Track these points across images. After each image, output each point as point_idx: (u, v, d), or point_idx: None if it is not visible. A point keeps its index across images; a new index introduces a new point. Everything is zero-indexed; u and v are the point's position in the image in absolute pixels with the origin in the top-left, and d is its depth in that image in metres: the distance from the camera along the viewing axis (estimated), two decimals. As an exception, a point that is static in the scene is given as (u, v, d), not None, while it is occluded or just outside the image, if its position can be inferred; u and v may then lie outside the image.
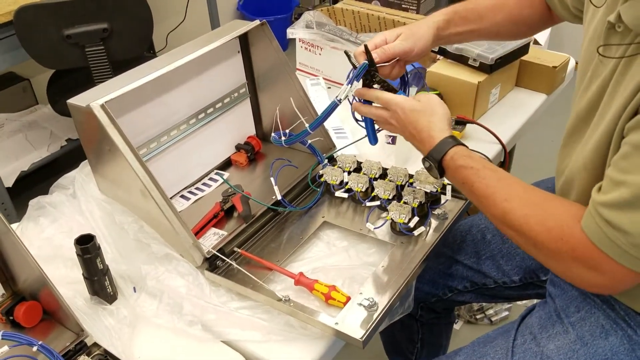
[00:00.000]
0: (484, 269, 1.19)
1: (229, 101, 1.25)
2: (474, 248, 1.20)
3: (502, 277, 1.18)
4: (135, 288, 0.99)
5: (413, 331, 1.39)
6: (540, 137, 2.74)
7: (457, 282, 1.22)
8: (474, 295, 1.22)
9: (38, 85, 2.65)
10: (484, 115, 1.47)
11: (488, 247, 1.19)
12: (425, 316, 1.34)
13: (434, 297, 1.26)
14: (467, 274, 1.20)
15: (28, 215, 1.12)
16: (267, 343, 0.91)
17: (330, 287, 0.94)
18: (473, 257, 1.20)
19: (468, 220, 1.25)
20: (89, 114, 0.94)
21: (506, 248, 1.18)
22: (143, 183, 0.96)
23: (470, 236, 1.21)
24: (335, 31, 1.56)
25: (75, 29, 1.93)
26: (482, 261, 1.19)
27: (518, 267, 1.17)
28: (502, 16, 1.15)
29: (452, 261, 1.22)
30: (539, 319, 1.00)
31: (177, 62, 1.04)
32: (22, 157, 2.40)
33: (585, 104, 0.88)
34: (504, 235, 1.17)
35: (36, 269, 0.86)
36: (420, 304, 1.31)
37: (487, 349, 1.00)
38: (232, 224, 1.11)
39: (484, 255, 1.19)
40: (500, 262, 1.18)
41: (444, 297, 1.24)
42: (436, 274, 1.23)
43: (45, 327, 0.93)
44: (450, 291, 1.23)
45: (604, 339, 0.92)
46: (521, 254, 1.16)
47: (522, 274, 1.17)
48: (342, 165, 1.19)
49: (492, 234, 1.20)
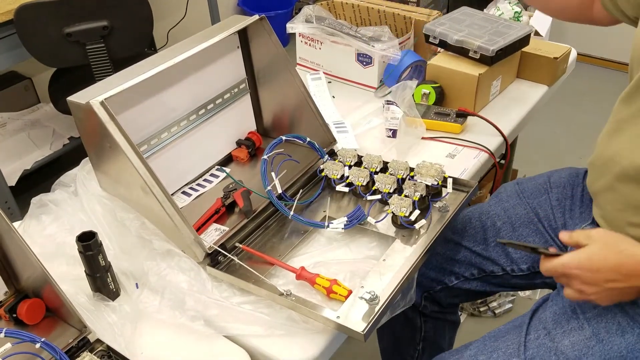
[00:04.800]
0: (492, 255, 1.18)
1: (229, 97, 1.25)
2: (483, 235, 1.19)
3: (510, 264, 1.17)
4: (138, 284, 0.99)
5: (416, 327, 1.37)
6: (542, 128, 2.74)
7: (464, 269, 1.21)
8: (480, 282, 1.21)
9: (40, 84, 2.66)
10: (485, 107, 1.46)
11: (497, 234, 1.18)
12: (429, 307, 1.32)
13: (439, 284, 1.24)
14: (474, 260, 1.20)
15: (30, 213, 1.12)
16: (270, 337, 0.91)
17: (331, 281, 0.94)
18: (481, 244, 1.19)
19: (477, 207, 1.24)
20: (89, 111, 0.94)
21: (516, 236, 1.17)
22: (144, 180, 0.96)
23: (480, 223, 1.20)
24: (335, 25, 1.55)
25: (76, 27, 1.93)
26: (491, 248, 1.18)
27: (527, 255, 1.16)
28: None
29: (459, 247, 1.21)
30: (553, 314, 0.98)
31: (177, 58, 1.04)
32: (25, 156, 2.41)
33: None
34: (514, 223, 1.17)
35: (38, 267, 0.86)
36: (425, 294, 1.29)
37: (499, 344, 0.99)
38: (233, 219, 1.11)
39: (493, 242, 1.18)
40: (508, 250, 1.17)
41: (449, 284, 1.23)
42: (443, 260, 1.22)
43: (48, 324, 0.93)
44: (456, 278, 1.22)
45: (620, 336, 0.90)
46: (531, 243, 1.15)
47: (531, 262, 1.16)
48: (342, 159, 1.19)
49: (502, 221, 1.19)
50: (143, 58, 1.07)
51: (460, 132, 1.36)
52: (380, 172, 1.15)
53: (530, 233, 1.16)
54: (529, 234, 1.16)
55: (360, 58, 1.53)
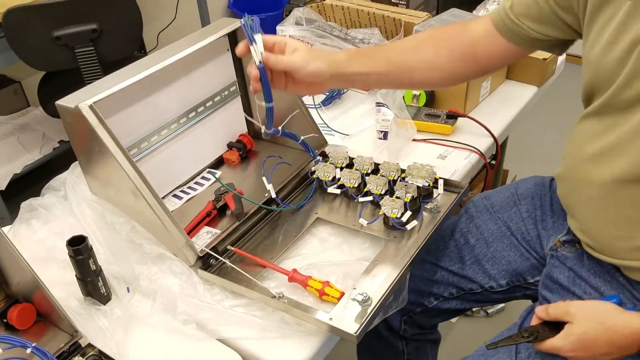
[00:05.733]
0: (469, 274, 1.15)
1: (220, 99, 1.25)
2: (458, 253, 1.16)
3: (488, 281, 1.14)
4: (129, 288, 0.99)
5: (398, 351, 1.32)
6: (532, 129, 2.76)
7: (442, 289, 1.18)
8: (460, 301, 1.18)
9: (29, 88, 2.64)
10: (475, 108, 1.47)
11: (472, 252, 1.15)
12: (410, 331, 1.28)
13: (418, 306, 1.21)
14: (452, 279, 1.16)
15: (20, 217, 1.12)
16: (262, 340, 0.91)
17: (324, 283, 0.94)
18: (458, 263, 1.16)
19: (449, 224, 1.21)
20: (77, 115, 0.94)
21: (491, 252, 1.14)
22: (134, 183, 0.96)
23: (453, 241, 1.17)
24: (325, 27, 1.56)
25: (65, 30, 1.92)
26: (467, 266, 1.15)
27: (504, 270, 1.13)
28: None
29: (436, 268, 1.17)
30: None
31: (166, 61, 1.04)
32: (15, 160, 2.39)
33: None
34: (487, 239, 1.15)
35: (29, 272, 0.85)
36: (404, 317, 1.25)
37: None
38: (225, 222, 1.11)
39: (469, 260, 1.15)
40: (485, 267, 1.14)
41: (429, 305, 1.20)
42: (420, 282, 1.18)
43: (39, 329, 0.92)
44: (435, 299, 1.19)
45: None
46: (507, 257, 1.13)
47: (509, 277, 1.14)
48: (334, 161, 1.19)
49: (475, 237, 1.16)
50: (133, 61, 1.07)
51: (450, 133, 1.37)
52: (372, 173, 1.15)
53: (505, 247, 1.14)
54: (503, 248, 1.14)
55: (350, 60, 1.53)
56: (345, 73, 1.03)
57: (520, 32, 1.00)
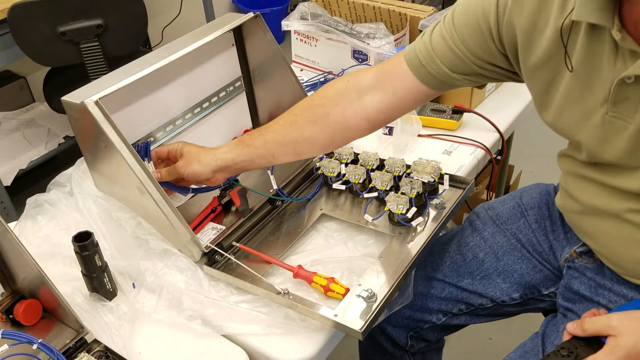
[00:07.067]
0: (479, 289, 1.12)
1: (225, 95, 1.25)
2: (467, 268, 1.13)
3: (500, 295, 1.11)
4: (135, 284, 0.99)
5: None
6: (538, 124, 2.74)
7: (452, 306, 1.14)
8: (469, 316, 1.15)
9: (34, 83, 2.65)
10: (481, 103, 1.46)
11: (482, 266, 1.12)
12: (416, 346, 1.23)
13: (426, 323, 1.17)
14: (460, 296, 1.13)
15: (26, 213, 1.12)
16: (267, 336, 0.91)
17: (329, 279, 0.93)
18: (467, 278, 1.12)
19: (455, 239, 1.16)
20: (83, 111, 0.94)
21: (502, 266, 1.11)
22: (139, 179, 0.96)
23: (461, 256, 1.14)
24: (331, 22, 1.55)
25: (70, 25, 1.92)
26: (477, 281, 1.12)
27: (517, 283, 1.10)
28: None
29: (443, 284, 1.14)
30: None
31: (171, 56, 1.03)
32: (20, 156, 2.40)
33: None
34: (497, 252, 1.11)
35: (35, 268, 0.86)
36: (410, 333, 1.20)
37: None
38: (230, 218, 1.11)
39: (479, 275, 1.12)
40: (497, 281, 1.11)
41: (437, 322, 1.16)
42: (428, 299, 1.15)
43: (45, 325, 0.93)
44: (444, 315, 1.15)
45: None
46: (519, 270, 1.10)
47: (522, 290, 1.10)
48: (339, 157, 1.18)
49: (484, 251, 1.12)
50: (138, 56, 1.07)
51: (456, 128, 1.36)
52: (377, 169, 1.15)
53: (516, 260, 1.10)
54: (514, 261, 1.10)
55: (355, 55, 1.53)
56: (225, 166, 1.03)
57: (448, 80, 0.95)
